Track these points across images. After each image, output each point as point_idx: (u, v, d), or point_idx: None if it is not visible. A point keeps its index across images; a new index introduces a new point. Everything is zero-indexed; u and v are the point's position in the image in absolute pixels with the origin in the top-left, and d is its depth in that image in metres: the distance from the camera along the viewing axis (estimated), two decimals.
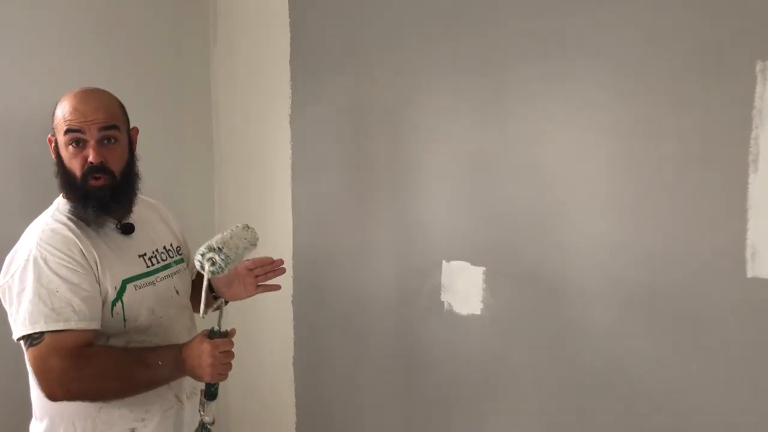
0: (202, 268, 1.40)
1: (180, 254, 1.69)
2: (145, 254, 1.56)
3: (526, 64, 1.72)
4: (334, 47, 2.16)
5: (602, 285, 1.65)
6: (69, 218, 1.46)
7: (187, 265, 1.72)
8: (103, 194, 1.45)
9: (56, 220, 1.46)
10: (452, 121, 1.88)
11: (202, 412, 1.50)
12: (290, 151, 2.33)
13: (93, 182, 1.44)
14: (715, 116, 1.46)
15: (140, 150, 1.62)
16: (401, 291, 2.06)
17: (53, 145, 1.49)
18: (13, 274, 1.40)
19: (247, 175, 2.53)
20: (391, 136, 2.04)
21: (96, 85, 1.61)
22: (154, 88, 2.42)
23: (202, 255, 1.40)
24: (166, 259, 1.61)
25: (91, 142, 1.44)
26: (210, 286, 1.51)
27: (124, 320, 1.46)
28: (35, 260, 1.38)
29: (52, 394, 1.38)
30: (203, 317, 1.43)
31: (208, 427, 1.50)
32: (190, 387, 1.60)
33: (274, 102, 2.36)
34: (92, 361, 1.38)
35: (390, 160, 2.04)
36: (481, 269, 1.86)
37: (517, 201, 1.77)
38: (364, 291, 2.15)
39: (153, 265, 1.57)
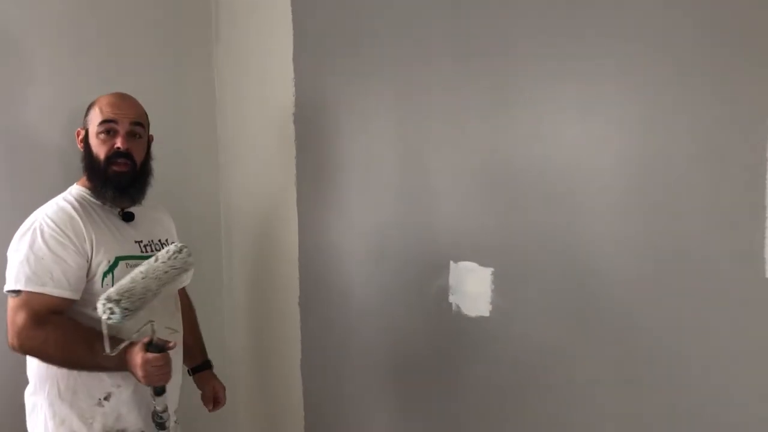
0: (104, 314, 1.43)
1: None
2: (141, 241, 1.77)
3: (535, 61, 1.66)
4: (337, 44, 2.11)
5: (614, 286, 1.58)
6: (77, 200, 1.69)
7: None
8: (123, 178, 1.71)
9: (66, 200, 1.69)
10: (460, 119, 1.83)
11: (153, 402, 1.60)
12: (295, 150, 2.28)
13: (116, 167, 1.69)
14: (732, 112, 1.39)
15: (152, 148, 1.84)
16: (408, 292, 2.01)
17: (81, 136, 1.76)
18: (17, 235, 1.63)
19: (252, 174, 2.50)
20: (397, 134, 1.99)
21: (97, 83, 1.95)
22: (157, 87, 2.39)
23: (103, 305, 1.43)
24: (159, 250, 1.73)
25: (121, 132, 1.71)
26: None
27: None
28: (34, 229, 1.61)
29: (12, 344, 1.58)
30: (112, 354, 1.49)
31: (160, 414, 1.62)
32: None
33: (277, 99, 2.32)
34: (47, 326, 1.56)
35: (396, 159, 1.99)
36: (489, 270, 1.81)
37: (527, 200, 1.71)
38: (371, 292, 2.11)
39: (147, 251, 1.76)
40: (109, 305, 1.41)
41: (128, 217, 1.77)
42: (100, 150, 1.71)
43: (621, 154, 1.55)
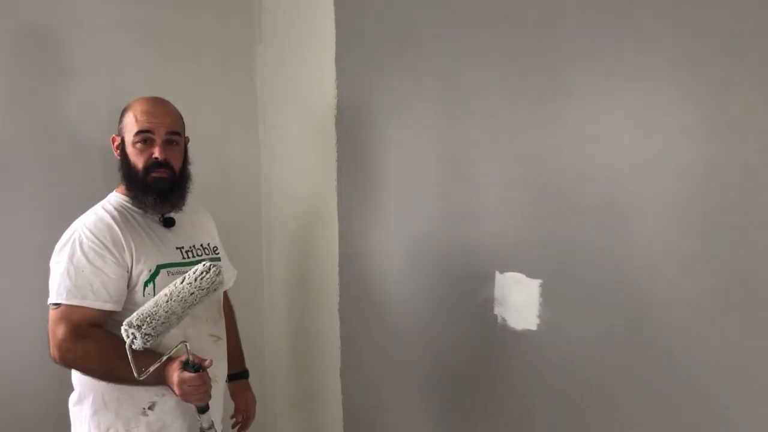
0: (126, 338, 1.41)
1: (216, 253, 1.86)
2: (182, 247, 1.74)
3: (589, 59, 1.56)
4: (381, 44, 2.04)
5: (673, 302, 1.48)
6: (116, 209, 1.67)
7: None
8: (163, 185, 1.68)
9: (105, 209, 1.66)
10: (506, 122, 1.74)
11: (198, 419, 1.57)
12: (336, 154, 2.23)
13: (155, 174, 1.67)
14: None
15: (190, 151, 1.82)
16: (451, 302, 1.93)
17: (116, 143, 1.72)
18: (58, 246, 1.62)
19: (293, 177, 2.46)
20: (442, 138, 1.91)
21: (142, 85, 1.90)
22: (199, 88, 2.38)
23: (125, 330, 1.41)
24: (201, 255, 1.78)
25: (158, 142, 1.68)
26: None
27: None
28: (73, 240, 1.59)
29: (53, 357, 1.57)
30: (140, 378, 1.44)
31: (206, 430, 1.58)
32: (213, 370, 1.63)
33: (319, 102, 2.27)
34: (86, 340, 1.55)
35: (440, 164, 1.92)
36: (537, 282, 1.72)
37: (578, 208, 1.62)
38: (412, 301, 2.04)
39: (188, 257, 1.74)
40: (131, 331, 1.40)
41: (169, 223, 1.75)
42: (137, 159, 1.68)
43: (682, 162, 1.44)
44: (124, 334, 1.41)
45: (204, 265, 1.52)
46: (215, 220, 1.99)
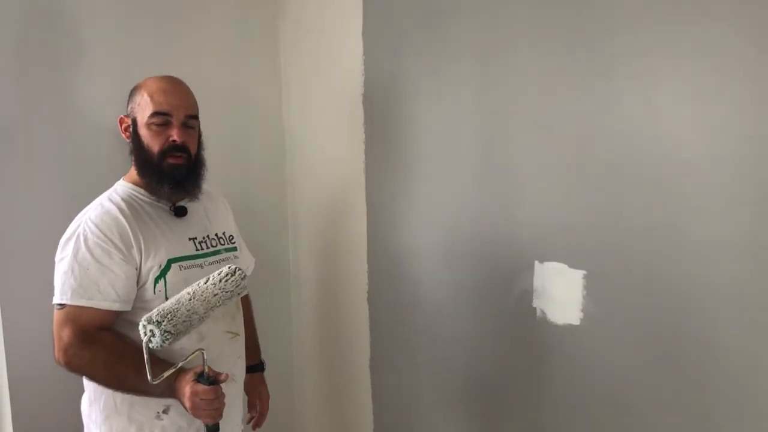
0: (144, 336, 1.30)
1: (232, 243, 1.75)
2: (195, 238, 1.63)
3: (637, 28, 1.41)
4: (412, 16, 1.90)
5: (728, 295, 1.33)
6: (124, 200, 1.55)
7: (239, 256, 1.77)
8: (179, 171, 1.57)
9: (111, 201, 1.55)
10: (548, 99, 1.60)
11: None
12: (363, 135, 2.10)
13: (172, 160, 1.56)
14: None
15: (211, 135, 1.73)
16: (486, 293, 1.80)
17: (125, 125, 1.61)
18: (62, 241, 1.51)
19: (319, 160, 2.34)
20: (477, 117, 1.77)
21: (160, 65, 1.80)
22: (221, 65, 2.28)
23: (143, 326, 1.30)
24: (216, 246, 1.68)
25: (176, 124, 1.57)
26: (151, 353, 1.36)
27: (166, 298, 1.50)
28: (78, 236, 1.48)
29: (57, 359, 1.47)
30: (154, 383, 1.33)
31: None
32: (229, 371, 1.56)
33: (345, 79, 2.14)
34: (94, 345, 1.45)
35: (475, 145, 1.78)
36: (580, 273, 1.58)
37: (627, 193, 1.47)
38: (444, 291, 1.92)
39: (202, 249, 1.63)
40: (150, 327, 1.28)
41: (181, 212, 1.63)
42: (153, 142, 1.56)
43: (743, 145, 1.28)
44: (141, 331, 1.30)
45: (229, 267, 1.42)
46: (239, 210, 1.89)
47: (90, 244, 1.47)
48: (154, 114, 1.55)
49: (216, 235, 1.70)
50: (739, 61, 1.27)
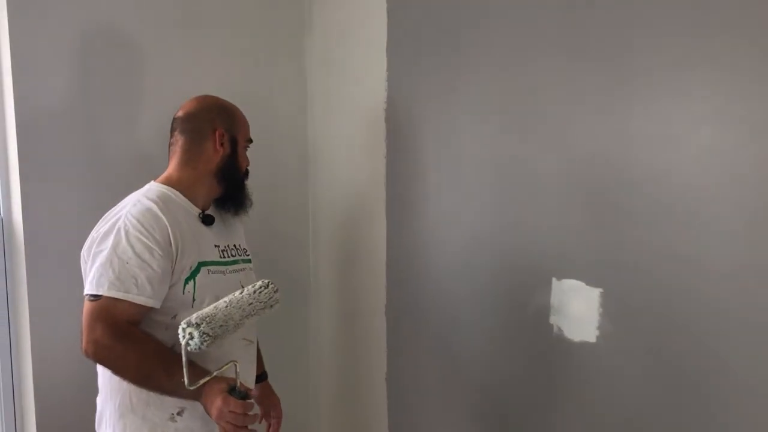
0: (183, 338, 1.33)
1: (247, 255, 1.81)
2: (218, 246, 1.69)
3: (657, 49, 1.42)
4: (435, 35, 1.93)
5: (745, 318, 1.32)
6: (161, 200, 1.58)
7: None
8: (246, 190, 1.77)
9: (150, 199, 1.57)
10: (568, 118, 1.61)
11: None
12: (385, 149, 2.13)
13: (246, 181, 1.75)
14: None
15: None
16: (504, 309, 1.81)
17: (225, 138, 1.69)
18: (100, 234, 1.53)
19: (341, 173, 2.37)
20: (497, 134, 1.79)
21: (192, 77, 2.01)
22: (248, 80, 2.32)
23: (183, 329, 1.33)
24: (235, 256, 1.73)
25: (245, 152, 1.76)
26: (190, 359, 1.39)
27: (194, 299, 1.56)
28: (118, 229, 1.50)
29: (86, 349, 1.47)
30: (191, 388, 1.37)
31: None
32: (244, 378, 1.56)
33: (369, 95, 2.17)
34: (126, 340, 1.47)
35: (495, 162, 1.80)
36: (597, 291, 1.58)
37: (645, 212, 1.48)
38: (461, 306, 1.93)
39: (225, 257, 1.69)
40: (189, 330, 1.32)
41: (208, 220, 1.68)
42: (244, 162, 1.75)
43: (762, 169, 1.29)
44: (180, 334, 1.34)
45: (263, 281, 1.47)
46: (262, 219, 1.93)
47: (131, 239, 1.49)
48: (249, 140, 1.77)
49: (234, 245, 1.75)
50: (757, 84, 1.28)
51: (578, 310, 1.63)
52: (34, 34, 1.87)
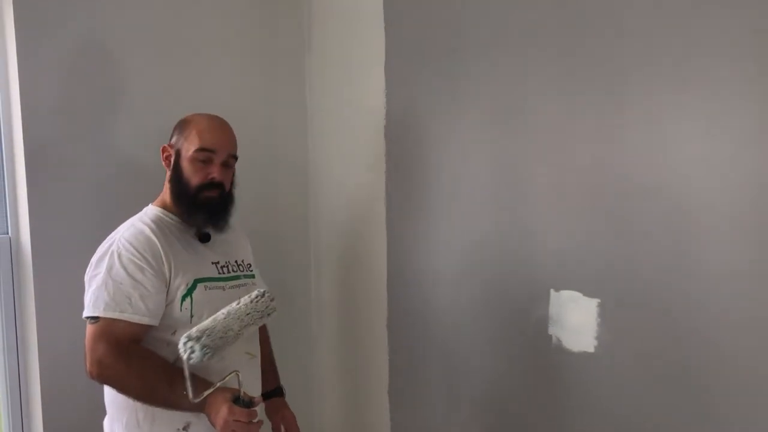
0: (184, 353, 1.38)
1: (250, 271, 1.83)
2: (217, 262, 1.72)
3: (650, 65, 1.47)
4: (432, 51, 1.98)
5: (743, 325, 1.36)
6: (154, 222, 1.64)
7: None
8: (213, 203, 1.67)
9: (143, 222, 1.64)
10: (564, 132, 1.65)
11: None
12: (385, 165, 2.17)
13: (207, 194, 1.66)
14: None
15: (238, 166, 1.79)
16: (503, 320, 1.84)
17: (167, 154, 1.70)
18: (96, 258, 1.60)
19: (341, 189, 2.41)
20: (496, 148, 1.83)
21: (191, 97, 1.95)
22: (249, 97, 2.36)
23: (184, 343, 1.38)
24: (236, 271, 1.76)
25: (217, 162, 1.67)
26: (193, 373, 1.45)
27: (191, 316, 1.59)
28: (112, 253, 1.57)
29: (90, 371, 1.52)
30: (195, 401, 1.42)
31: None
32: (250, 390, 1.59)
33: (368, 111, 2.22)
34: (127, 357, 1.51)
35: (493, 176, 1.84)
36: (595, 301, 1.62)
37: (640, 223, 1.51)
38: (462, 318, 1.96)
39: (224, 273, 1.72)
40: (190, 344, 1.37)
41: (205, 238, 1.72)
42: (193, 176, 1.66)
43: (754, 175, 1.33)
44: (182, 349, 1.38)
45: (259, 290, 1.52)
46: (263, 233, 1.96)
47: (124, 261, 1.55)
48: (200, 149, 1.65)
49: (236, 261, 1.79)
50: (750, 93, 1.32)
51: (576, 320, 1.66)
52: (38, 64, 1.92)
